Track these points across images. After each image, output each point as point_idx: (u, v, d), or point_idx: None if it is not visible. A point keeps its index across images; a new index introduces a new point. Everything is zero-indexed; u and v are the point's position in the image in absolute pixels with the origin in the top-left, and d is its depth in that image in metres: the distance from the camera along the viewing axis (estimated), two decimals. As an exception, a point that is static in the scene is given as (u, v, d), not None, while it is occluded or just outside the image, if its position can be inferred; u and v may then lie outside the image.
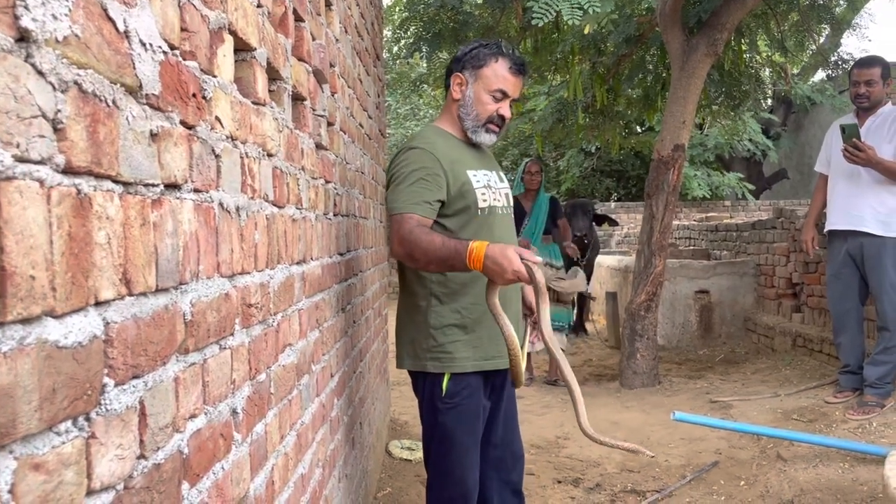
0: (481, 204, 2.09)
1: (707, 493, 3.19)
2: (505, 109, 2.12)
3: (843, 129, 3.72)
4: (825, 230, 4.03)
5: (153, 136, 0.83)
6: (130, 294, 0.76)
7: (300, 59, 1.67)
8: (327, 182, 2.03)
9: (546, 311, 1.84)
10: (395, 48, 12.77)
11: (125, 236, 0.75)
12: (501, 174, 2.27)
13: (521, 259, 1.79)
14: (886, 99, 3.91)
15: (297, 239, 1.60)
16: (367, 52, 3.22)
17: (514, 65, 2.09)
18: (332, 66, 2.11)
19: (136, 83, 0.78)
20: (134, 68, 0.77)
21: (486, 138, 2.14)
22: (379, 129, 3.72)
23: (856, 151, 3.63)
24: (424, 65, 8.48)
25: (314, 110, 1.84)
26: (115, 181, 0.73)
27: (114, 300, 0.72)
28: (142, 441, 0.78)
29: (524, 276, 1.79)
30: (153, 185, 0.82)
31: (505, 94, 2.10)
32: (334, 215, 2.16)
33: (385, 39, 9.41)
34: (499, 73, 2.08)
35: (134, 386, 0.76)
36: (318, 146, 1.91)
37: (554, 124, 6.64)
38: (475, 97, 2.10)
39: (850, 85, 3.97)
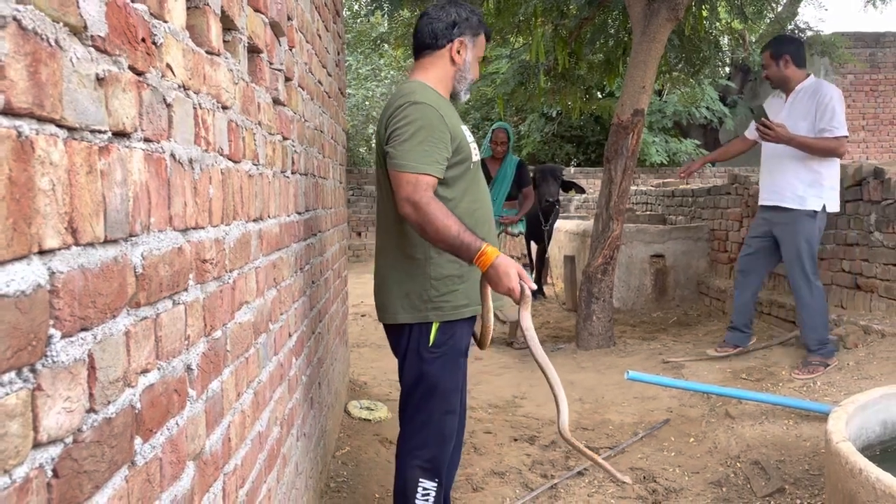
0: (474, 158, 2.21)
1: (658, 449, 3.29)
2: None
3: (751, 110, 3.95)
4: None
5: (100, 80, 0.79)
6: (77, 244, 0.73)
7: (256, 10, 1.62)
8: (285, 139, 1.99)
9: (527, 316, 2.04)
10: (356, 6, 12.50)
11: (70, 183, 0.72)
12: None
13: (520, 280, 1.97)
14: (805, 74, 4.01)
15: (253, 195, 1.57)
16: (327, 8, 3.14)
17: (487, 32, 2.30)
18: (289, 19, 2.05)
19: (80, 23, 0.74)
20: (78, 7, 0.74)
21: (467, 96, 2.33)
22: (339, 88, 3.65)
23: (766, 130, 3.79)
24: (386, 24, 8.31)
25: (271, 64, 1.79)
26: (59, 125, 0.70)
27: (59, 249, 0.70)
28: (91, 394, 0.76)
29: (515, 295, 1.96)
30: (100, 132, 0.79)
31: (483, 59, 2.41)
32: (292, 173, 2.12)
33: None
34: (483, 42, 2.29)
35: (82, 338, 0.74)
36: (276, 101, 1.86)
37: (516, 87, 6.60)
38: (471, 62, 2.24)
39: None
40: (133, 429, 0.88)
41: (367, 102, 14.82)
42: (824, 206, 3.85)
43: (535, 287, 2.03)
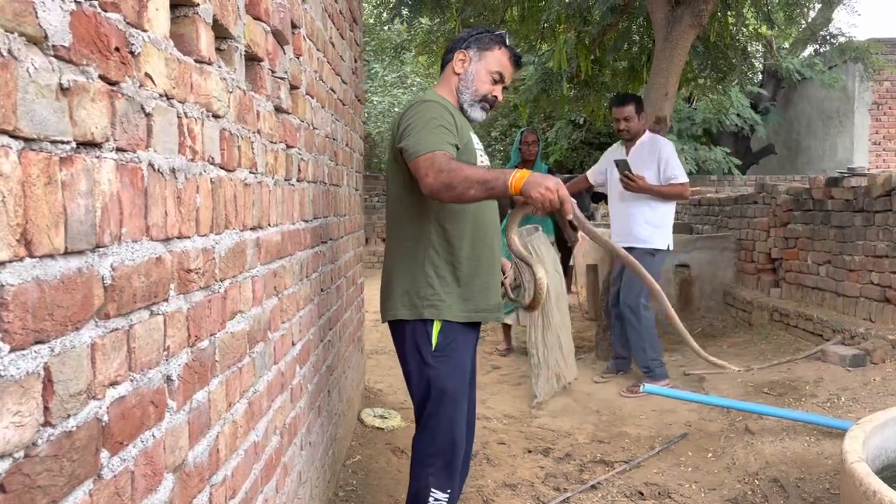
0: (479, 164, 2.22)
1: (674, 464, 3.22)
2: (498, 92, 2.32)
3: (616, 164, 4.32)
4: None
5: (63, 90, 0.78)
6: (31, 256, 0.72)
7: (256, 18, 1.62)
8: (289, 147, 1.98)
9: (579, 213, 2.01)
10: (385, 14, 12.55)
11: (25, 195, 0.71)
12: None
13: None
14: (644, 129, 4.47)
15: (250, 204, 1.56)
16: (342, 15, 3.14)
17: (513, 57, 2.33)
18: (296, 26, 2.05)
19: (39, 33, 0.74)
20: (36, 17, 0.73)
21: (479, 115, 2.31)
22: (355, 95, 3.65)
23: (629, 182, 4.26)
24: (406, 32, 8.33)
25: (273, 72, 1.78)
26: (13, 136, 0.70)
27: (10, 262, 0.69)
28: (47, 408, 0.75)
29: (563, 194, 1.90)
30: (62, 143, 0.78)
31: (502, 79, 2.31)
32: (298, 181, 2.12)
33: (374, 4, 9.25)
34: (500, 59, 2.30)
35: (36, 351, 0.73)
36: (279, 109, 1.86)
37: (539, 94, 6.56)
38: (476, 74, 2.28)
39: (612, 121, 4.56)
40: (99, 441, 0.87)
41: (394, 109, 14.86)
42: (669, 246, 4.39)
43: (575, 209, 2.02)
